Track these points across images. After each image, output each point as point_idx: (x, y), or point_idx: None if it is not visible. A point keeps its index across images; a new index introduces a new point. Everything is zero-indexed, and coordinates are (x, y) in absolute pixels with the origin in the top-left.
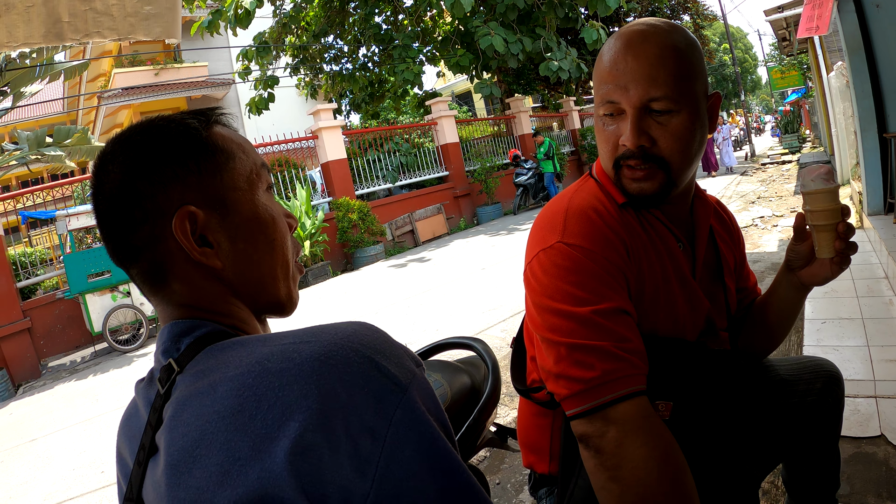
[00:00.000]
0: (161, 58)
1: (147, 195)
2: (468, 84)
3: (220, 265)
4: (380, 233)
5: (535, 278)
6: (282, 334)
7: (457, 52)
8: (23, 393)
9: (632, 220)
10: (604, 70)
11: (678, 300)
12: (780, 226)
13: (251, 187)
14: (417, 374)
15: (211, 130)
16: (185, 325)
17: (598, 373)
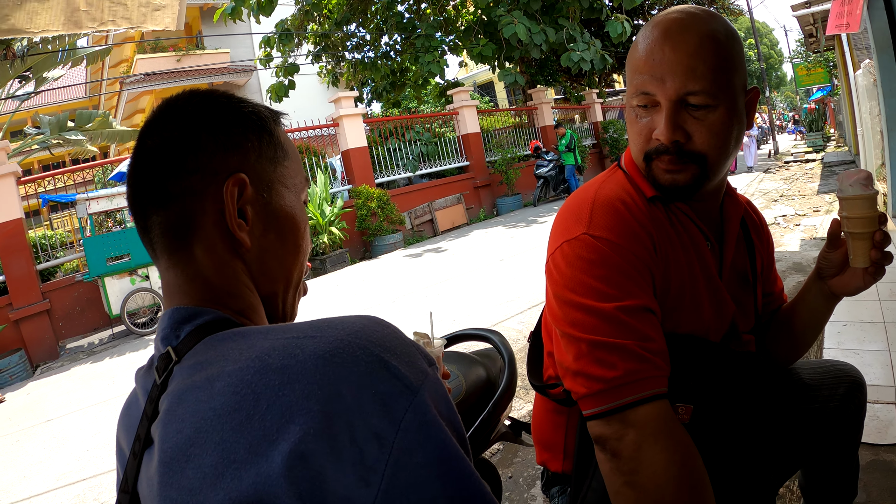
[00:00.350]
0: (183, 44)
1: (207, 149)
2: (490, 74)
3: (249, 244)
4: (399, 221)
5: (558, 270)
6: (285, 326)
7: (479, 42)
8: (41, 373)
9: (660, 215)
10: (639, 59)
11: (703, 300)
12: (803, 225)
13: (296, 191)
14: (430, 374)
15: (277, 126)
16: (186, 311)
17: (619, 372)
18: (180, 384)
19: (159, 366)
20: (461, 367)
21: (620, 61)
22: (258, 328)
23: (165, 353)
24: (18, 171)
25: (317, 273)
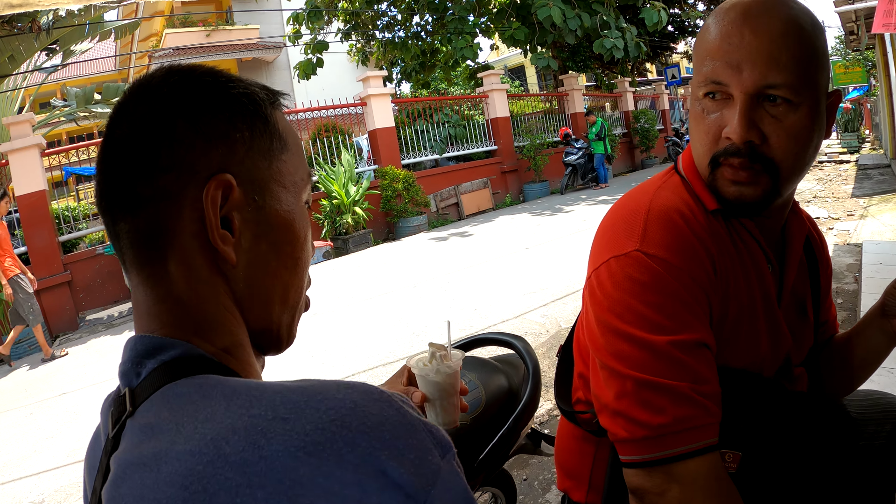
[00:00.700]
0: (213, 19)
1: (185, 141)
2: (521, 58)
3: (234, 260)
4: (424, 204)
5: (603, 290)
6: (254, 391)
7: (512, 25)
8: (59, 344)
9: (721, 231)
10: (711, 43)
11: (761, 332)
12: (836, 229)
13: (296, 192)
14: (443, 470)
15: (275, 111)
16: (151, 343)
17: (668, 419)
18: (127, 452)
19: (114, 411)
20: (481, 375)
21: (654, 50)
22: (225, 385)
23: (122, 396)
24: (43, 144)
25: (339, 253)
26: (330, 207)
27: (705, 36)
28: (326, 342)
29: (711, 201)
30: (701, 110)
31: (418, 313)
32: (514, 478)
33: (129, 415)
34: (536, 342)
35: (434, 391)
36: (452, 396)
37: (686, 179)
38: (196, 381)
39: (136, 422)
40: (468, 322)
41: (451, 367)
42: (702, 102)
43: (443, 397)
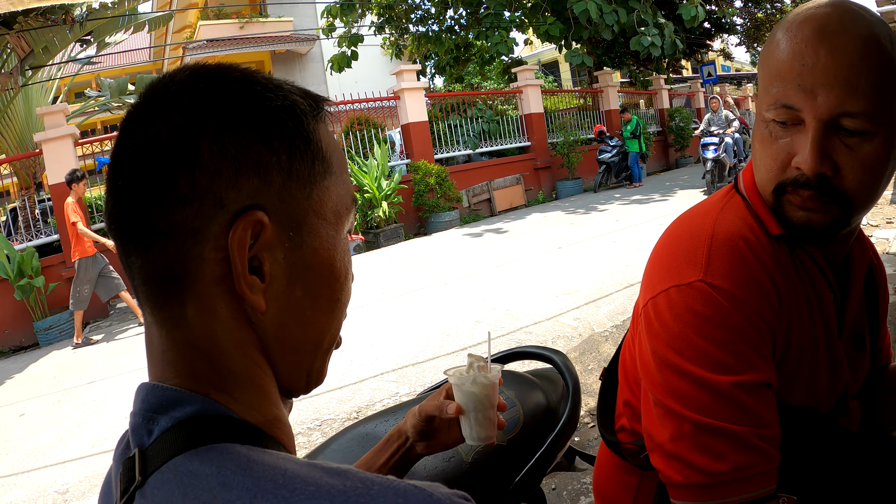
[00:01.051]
0: (247, 11)
1: (209, 167)
2: (555, 53)
3: (264, 308)
4: (456, 199)
5: (661, 322)
6: (285, 482)
7: (547, 21)
8: (89, 331)
9: (785, 259)
10: (781, 61)
11: (821, 367)
12: (875, 237)
13: (337, 223)
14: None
15: (319, 124)
16: (165, 395)
17: (728, 466)
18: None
19: (122, 475)
20: (518, 392)
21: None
22: (248, 469)
23: (131, 458)
24: (76, 133)
25: (370, 247)
26: (361, 201)
27: (774, 52)
28: (356, 339)
29: (775, 226)
30: (768, 133)
31: (449, 312)
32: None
33: (139, 486)
34: (568, 346)
35: (470, 402)
36: (489, 410)
37: (748, 201)
38: (215, 456)
39: (146, 499)
40: (500, 323)
41: (487, 379)
42: (769, 125)
43: (478, 409)
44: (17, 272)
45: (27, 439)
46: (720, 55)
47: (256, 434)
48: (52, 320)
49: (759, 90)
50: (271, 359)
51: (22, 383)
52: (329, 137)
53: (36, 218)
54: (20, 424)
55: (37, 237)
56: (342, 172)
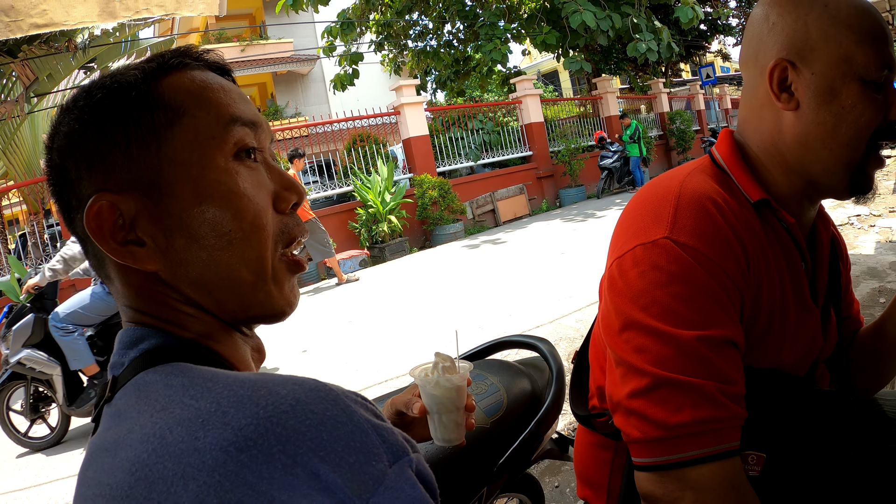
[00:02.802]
0: (247, 34)
1: (75, 179)
2: (554, 63)
3: (156, 267)
4: (460, 211)
5: (625, 280)
6: (211, 382)
7: (543, 30)
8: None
9: (756, 225)
10: (880, 29)
11: (793, 333)
12: (878, 226)
13: (204, 156)
14: (389, 477)
15: (161, 81)
16: (133, 333)
17: (686, 419)
18: (98, 437)
19: (97, 399)
20: (503, 378)
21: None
22: (188, 374)
23: (105, 383)
24: None
25: (376, 261)
26: (366, 216)
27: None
28: (361, 349)
29: (756, 191)
30: (860, 99)
31: (454, 320)
32: (545, 485)
33: (107, 400)
34: (571, 347)
35: (433, 404)
36: (453, 413)
37: (725, 169)
38: (166, 368)
39: (111, 408)
40: (502, 327)
41: (451, 382)
42: (861, 92)
43: (441, 412)
44: None
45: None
46: (718, 56)
47: (214, 357)
48: None
49: (841, 61)
50: (201, 302)
51: None
52: (176, 84)
53: (45, 243)
54: None
55: (46, 261)
56: (199, 105)
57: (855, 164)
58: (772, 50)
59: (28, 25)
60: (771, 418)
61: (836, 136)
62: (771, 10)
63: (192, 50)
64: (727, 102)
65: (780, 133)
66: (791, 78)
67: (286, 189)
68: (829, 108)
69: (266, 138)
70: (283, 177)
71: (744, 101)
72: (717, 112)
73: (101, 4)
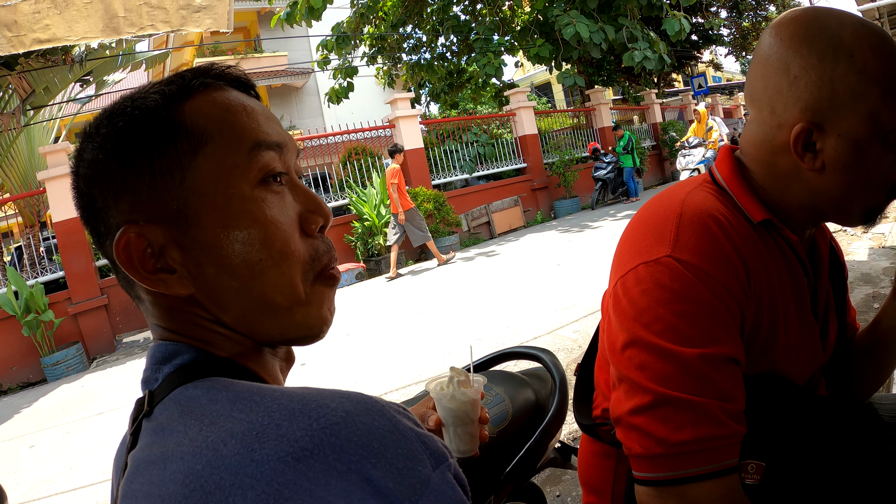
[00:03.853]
0: (242, 48)
1: (102, 207)
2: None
3: (186, 291)
4: (455, 223)
5: (629, 298)
6: (257, 396)
7: (536, 43)
8: (96, 366)
9: (759, 243)
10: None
11: (794, 347)
12: (871, 232)
13: (228, 185)
14: (434, 480)
15: (183, 106)
16: (166, 349)
17: (687, 437)
18: (142, 451)
19: (133, 414)
20: (508, 388)
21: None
22: (231, 389)
23: (141, 398)
24: None
25: (372, 274)
26: (362, 229)
27: (886, 63)
28: (359, 362)
29: (759, 212)
30: (888, 145)
31: (450, 332)
32: (547, 494)
33: (146, 415)
34: (569, 358)
35: (449, 417)
36: (468, 425)
37: (726, 189)
38: (206, 383)
39: (152, 423)
40: (500, 339)
41: (466, 395)
42: (888, 137)
43: (457, 424)
44: (24, 308)
45: (37, 470)
46: (710, 66)
47: (248, 374)
48: (59, 356)
49: (859, 110)
50: (230, 326)
51: (31, 417)
52: (199, 107)
53: (41, 255)
54: (30, 455)
55: (42, 274)
56: (222, 131)
57: (873, 208)
58: (794, 108)
59: (31, 41)
60: (770, 427)
61: (859, 192)
62: (792, 59)
63: (213, 68)
64: (719, 112)
65: (796, 182)
66: (816, 139)
67: (312, 211)
68: (854, 168)
69: (292, 157)
70: (310, 198)
71: (753, 138)
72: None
73: (105, 20)
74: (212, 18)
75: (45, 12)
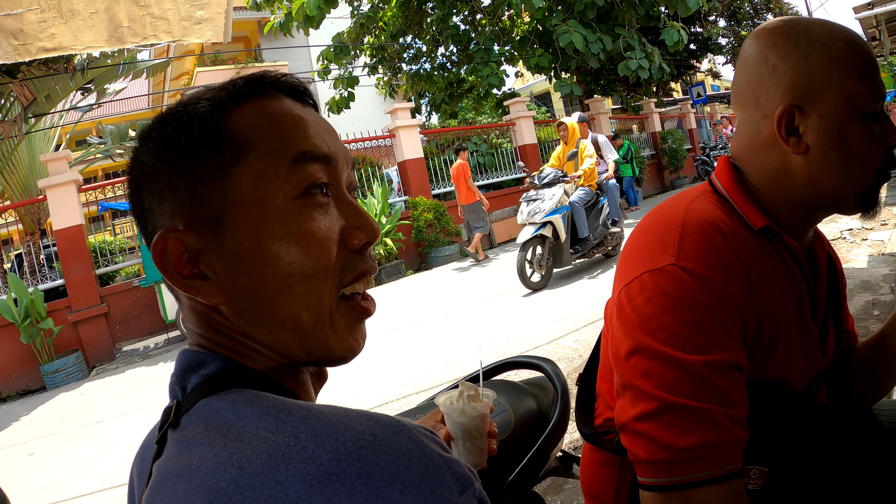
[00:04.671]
0: (242, 57)
1: (148, 209)
2: (547, 84)
3: (217, 301)
4: (455, 233)
5: (633, 306)
6: (283, 414)
7: (535, 52)
8: (96, 375)
9: (761, 250)
10: (873, 62)
11: (795, 353)
12: (871, 239)
13: (266, 195)
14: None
15: (230, 113)
16: (194, 357)
17: (692, 442)
18: (167, 462)
19: (161, 422)
20: (510, 397)
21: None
22: (257, 404)
23: (169, 408)
24: (79, 179)
25: (378, 283)
26: None
27: (858, 56)
28: (360, 371)
29: (760, 219)
30: (865, 131)
31: (451, 342)
32: (549, 503)
33: (172, 425)
34: (569, 367)
35: (458, 431)
36: (477, 439)
37: (727, 198)
38: (232, 396)
39: (177, 434)
40: (501, 349)
41: (476, 410)
42: (864, 123)
43: (466, 439)
44: (23, 316)
45: (37, 478)
46: (708, 75)
47: (263, 379)
48: (58, 364)
49: (843, 96)
50: (260, 340)
51: (30, 424)
52: (246, 115)
53: (41, 263)
54: (29, 463)
55: (42, 282)
56: (265, 140)
57: (866, 192)
58: (775, 94)
59: (37, 49)
60: (772, 433)
61: (848, 173)
62: (769, 51)
63: (267, 75)
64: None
65: (787, 173)
66: (798, 122)
67: (357, 227)
68: (838, 148)
69: (343, 170)
70: (357, 213)
71: (742, 139)
72: (709, 130)
73: (110, 30)
74: (212, 30)
75: (51, 21)
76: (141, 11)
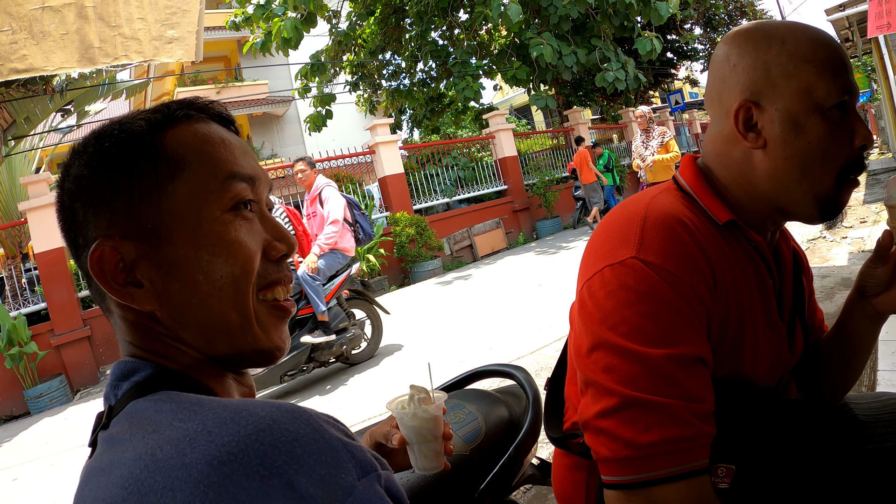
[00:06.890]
0: (223, 76)
1: (82, 221)
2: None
3: (151, 308)
4: (437, 247)
5: (594, 301)
6: (197, 406)
7: (513, 65)
8: (80, 398)
9: (725, 245)
10: (837, 58)
11: (762, 349)
12: (850, 237)
13: (201, 208)
14: (359, 489)
15: (166, 133)
16: (127, 366)
17: (655, 438)
18: (93, 462)
19: (94, 426)
20: (480, 406)
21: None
22: (175, 401)
23: (101, 413)
24: None
25: None
26: None
27: (822, 51)
28: (341, 386)
29: (724, 213)
30: (832, 126)
31: (433, 355)
32: None
33: (103, 428)
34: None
35: (412, 435)
36: (432, 442)
37: (691, 194)
38: (156, 396)
39: (106, 434)
40: (483, 360)
41: (427, 412)
42: (831, 117)
43: (420, 441)
44: (6, 340)
45: (21, 503)
46: (686, 82)
47: (200, 387)
48: (42, 388)
49: (809, 90)
50: (190, 343)
51: (14, 449)
52: (180, 136)
53: (23, 287)
54: (14, 488)
55: (24, 306)
56: (199, 160)
57: (823, 195)
58: (735, 91)
59: (8, 70)
60: (740, 430)
61: (805, 169)
62: (731, 50)
63: (197, 102)
64: (697, 127)
65: (749, 169)
66: (756, 117)
67: (277, 240)
68: (795, 142)
69: (264, 189)
70: (276, 228)
71: (710, 137)
72: (688, 137)
73: (81, 51)
74: (183, 49)
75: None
76: (112, 32)
